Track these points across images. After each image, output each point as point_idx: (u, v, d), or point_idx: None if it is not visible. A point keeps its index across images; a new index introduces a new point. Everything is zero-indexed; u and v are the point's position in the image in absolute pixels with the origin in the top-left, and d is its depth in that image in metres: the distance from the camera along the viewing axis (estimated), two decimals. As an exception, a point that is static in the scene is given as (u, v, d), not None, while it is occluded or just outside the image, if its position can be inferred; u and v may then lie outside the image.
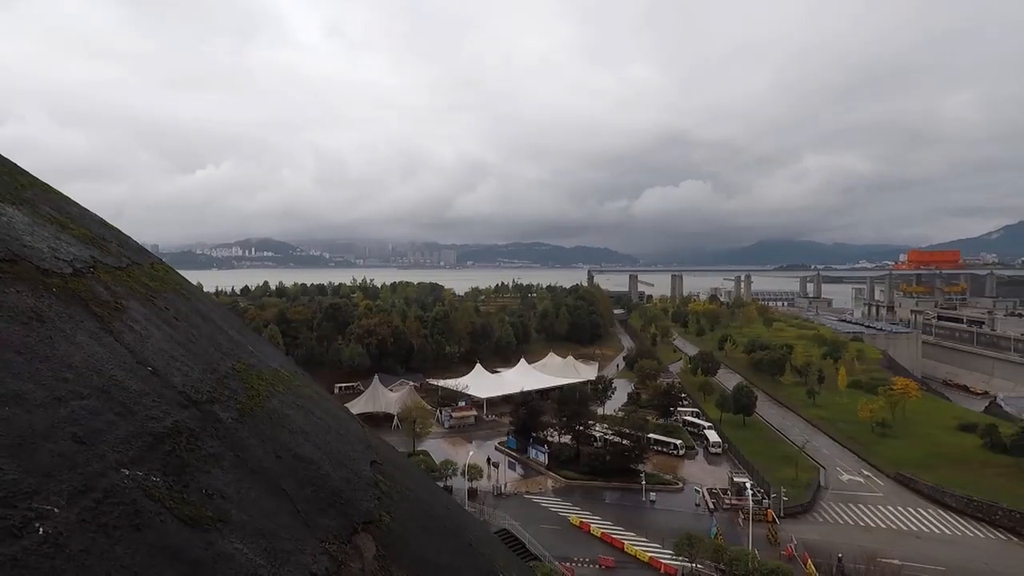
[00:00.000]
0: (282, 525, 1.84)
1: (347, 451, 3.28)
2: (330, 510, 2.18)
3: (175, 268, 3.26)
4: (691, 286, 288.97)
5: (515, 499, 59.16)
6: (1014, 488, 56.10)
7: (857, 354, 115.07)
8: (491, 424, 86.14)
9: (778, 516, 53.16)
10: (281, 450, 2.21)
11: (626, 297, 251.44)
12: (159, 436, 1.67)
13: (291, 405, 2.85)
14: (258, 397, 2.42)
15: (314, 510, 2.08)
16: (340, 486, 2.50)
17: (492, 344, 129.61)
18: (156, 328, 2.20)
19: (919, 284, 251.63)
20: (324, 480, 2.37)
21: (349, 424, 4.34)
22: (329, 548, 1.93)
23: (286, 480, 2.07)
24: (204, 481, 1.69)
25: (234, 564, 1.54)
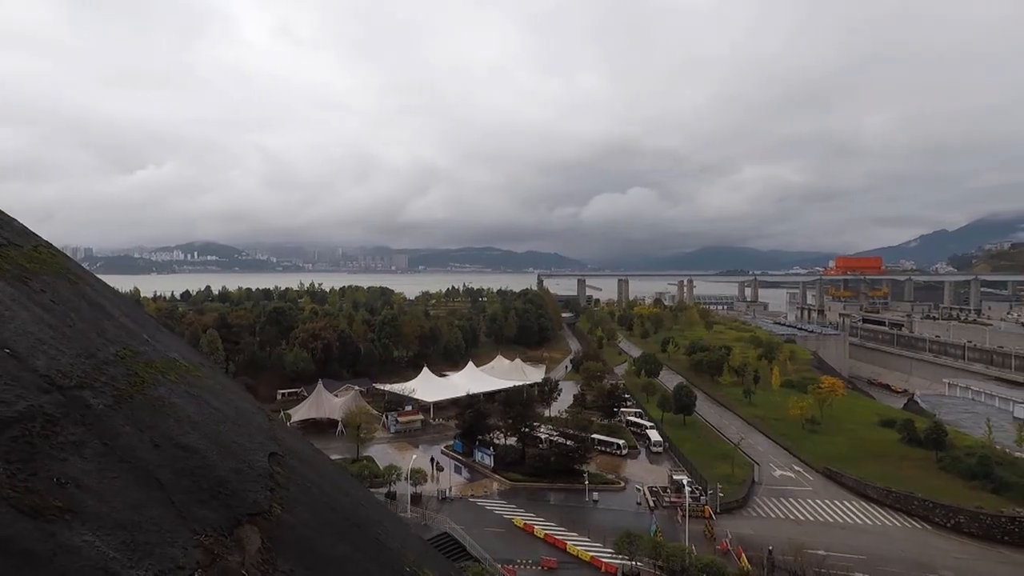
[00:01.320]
0: (149, 517, 1.81)
1: (242, 442, 3.17)
2: (211, 501, 2.14)
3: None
4: (637, 290, 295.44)
5: (460, 503, 59.15)
6: (928, 479, 60.02)
7: (790, 355, 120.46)
8: (438, 428, 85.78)
9: (715, 512, 55.09)
10: (161, 439, 2.19)
11: (575, 301, 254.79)
12: (6, 421, 1.62)
13: (182, 394, 2.81)
14: (141, 384, 2.39)
15: (192, 501, 2.04)
16: (227, 477, 2.43)
17: (441, 348, 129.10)
18: (24, 309, 2.12)
19: (846, 289, 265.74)
20: (208, 470, 2.32)
21: (252, 416, 4.39)
22: (204, 541, 1.89)
23: (162, 470, 2.04)
24: (57, 469, 1.62)
25: (78, 557, 1.45)
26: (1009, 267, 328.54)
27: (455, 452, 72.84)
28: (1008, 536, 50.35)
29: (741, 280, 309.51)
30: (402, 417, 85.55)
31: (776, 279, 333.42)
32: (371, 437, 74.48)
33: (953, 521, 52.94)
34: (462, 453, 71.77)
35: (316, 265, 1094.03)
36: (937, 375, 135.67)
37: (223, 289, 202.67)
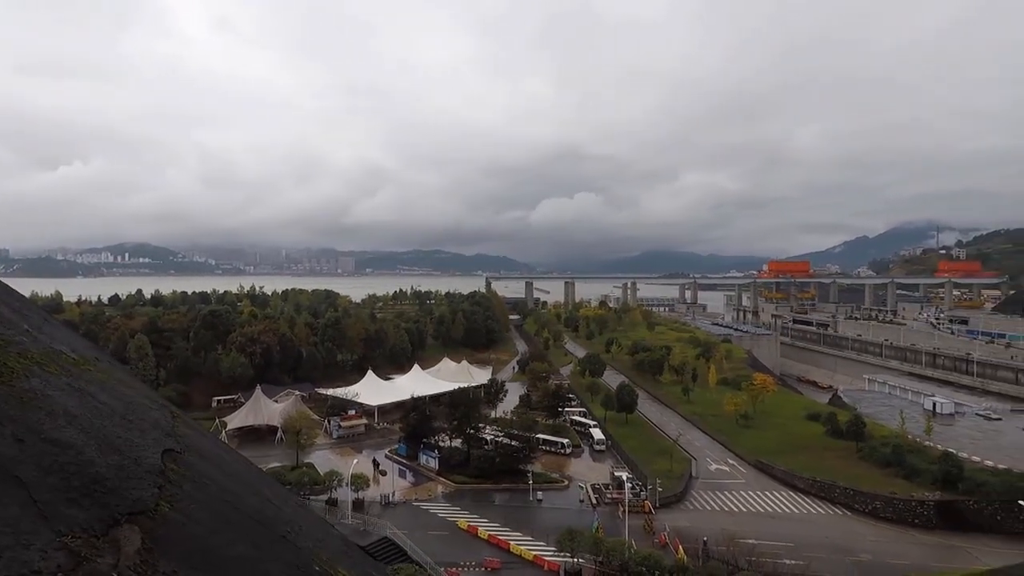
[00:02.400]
0: (2, 517, 1.71)
1: (131, 438, 3.10)
2: (84, 500, 2.03)
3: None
4: (583, 292, 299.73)
5: (404, 507, 58.74)
6: (849, 469, 63.63)
7: (726, 354, 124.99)
8: (382, 432, 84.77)
9: (654, 506, 56.82)
10: (26, 433, 2.09)
11: (522, 303, 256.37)
12: None
13: (62, 387, 2.70)
14: (10, 375, 2.31)
15: (60, 500, 1.93)
16: (105, 474, 2.32)
17: (387, 351, 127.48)
18: None
19: (778, 291, 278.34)
20: (83, 467, 2.21)
21: (148, 412, 4.37)
22: (70, 542, 1.77)
23: (24, 467, 1.93)
24: None
25: None
26: (921, 271, 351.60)
27: (399, 456, 72.20)
28: (918, 519, 54.11)
29: (682, 283, 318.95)
30: (345, 422, 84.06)
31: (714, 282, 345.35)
32: (312, 443, 72.94)
33: (871, 507, 56.45)
34: (407, 456, 71.22)
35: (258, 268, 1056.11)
36: (859, 372, 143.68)
37: (156, 293, 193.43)
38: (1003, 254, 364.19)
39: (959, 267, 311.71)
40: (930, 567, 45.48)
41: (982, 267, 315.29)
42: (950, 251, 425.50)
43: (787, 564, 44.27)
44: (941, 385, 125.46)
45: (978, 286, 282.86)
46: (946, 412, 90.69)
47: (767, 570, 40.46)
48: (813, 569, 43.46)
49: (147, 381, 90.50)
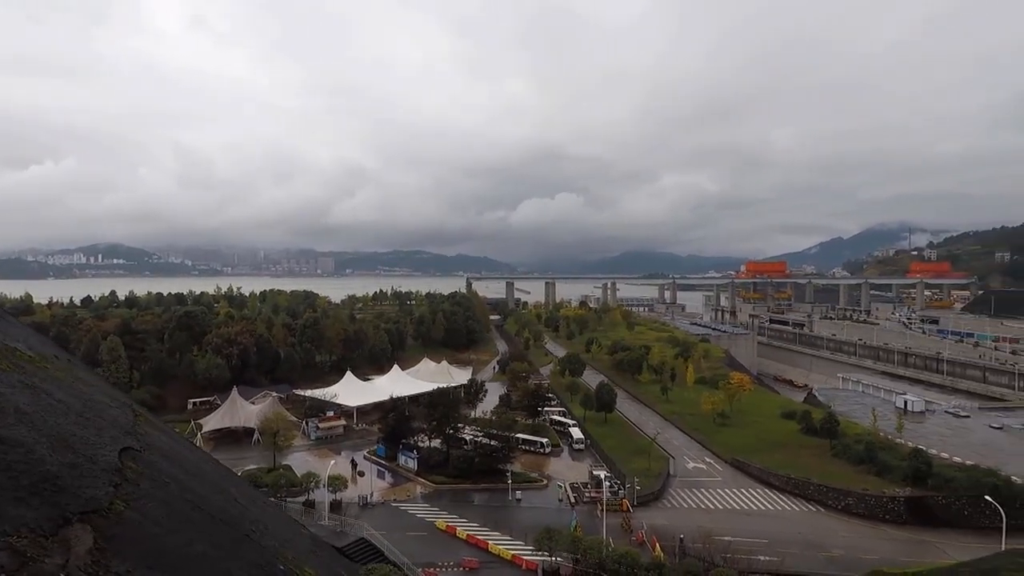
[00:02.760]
0: None
1: (87, 436, 3.13)
2: (32, 499, 2.02)
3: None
4: (564, 293, 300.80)
5: (382, 508, 58.48)
6: (823, 466, 64.79)
7: (704, 354, 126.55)
8: (361, 433, 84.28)
9: (632, 505, 57.26)
10: None
11: (503, 303, 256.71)
12: None
13: (13, 384, 2.74)
14: None
15: (6, 499, 1.93)
16: (57, 472, 2.33)
17: (366, 351, 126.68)
18: None
19: (755, 291, 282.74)
20: (33, 465, 2.22)
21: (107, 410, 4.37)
22: (16, 542, 1.76)
23: None
24: None
25: None
26: (893, 271, 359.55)
27: (378, 457, 71.86)
28: (888, 515, 55.32)
29: (661, 283, 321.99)
30: (323, 423, 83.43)
31: (693, 282, 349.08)
32: (289, 445, 72.26)
33: (843, 503, 57.57)
34: (385, 457, 70.90)
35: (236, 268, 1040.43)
36: (833, 370, 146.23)
37: (130, 294, 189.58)
38: (972, 255, 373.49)
39: (930, 268, 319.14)
40: (899, 561, 46.45)
41: (952, 268, 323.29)
42: (922, 252, 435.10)
43: (761, 560, 45.05)
44: (913, 384, 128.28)
45: (948, 286, 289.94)
46: (917, 410, 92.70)
47: (742, 566, 41.05)
48: (787, 565, 44.25)
49: (120, 383, 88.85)
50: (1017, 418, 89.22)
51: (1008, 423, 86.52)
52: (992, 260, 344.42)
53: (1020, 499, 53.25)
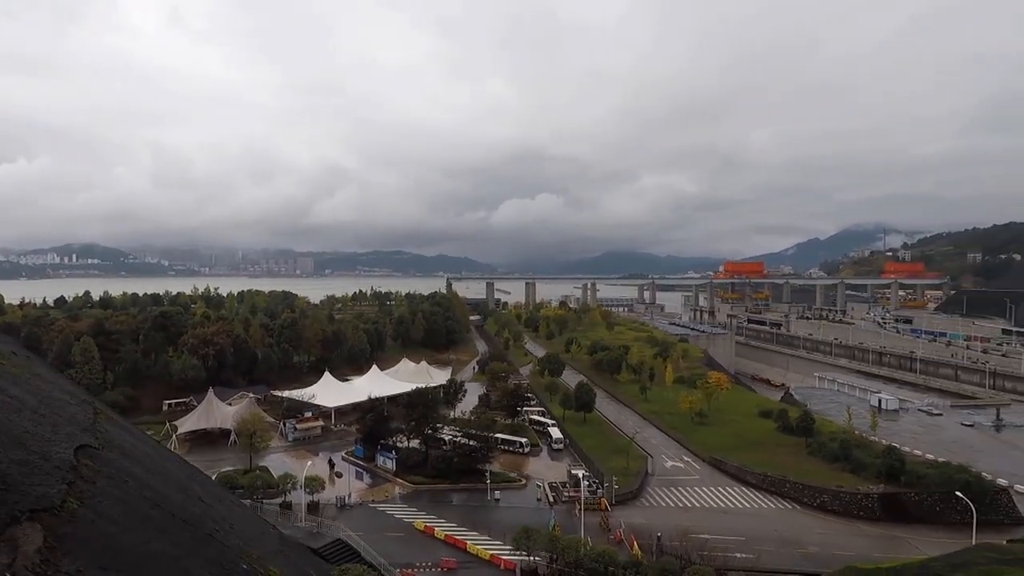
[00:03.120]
0: None
1: (41, 432, 3.09)
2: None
3: None
4: (544, 293, 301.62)
5: (360, 509, 58.03)
6: (799, 463, 65.76)
7: (683, 353, 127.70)
8: (340, 434, 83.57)
9: (610, 504, 57.54)
10: None
11: (483, 304, 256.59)
12: None
13: None
14: None
15: None
16: (7, 470, 2.32)
17: (345, 352, 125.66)
18: None
19: (733, 292, 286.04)
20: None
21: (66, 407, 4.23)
22: None
23: None
24: None
25: None
26: (868, 272, 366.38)
27: (356, 457, 71.28)
28: (863, 511, 56.31)
29: (641, 283, 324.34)
30: (301, 424, 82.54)
31: (672, 282, 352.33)
32: (266, 446, 71.36)
33: (819, 500, 58.46)
34: (363, 458, 70.35)
35: (214, 269, 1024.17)
36: (810, 369, 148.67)
37: (105, 294, 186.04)
38: (944, 256, 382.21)
39: (904, 268, 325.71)
40: (873, 557, 47.25)
41: (925, 268, 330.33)
42: (896, 253, 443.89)
43: (738, 558, 45.54)
44: (887, 382, 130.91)
45: (922, 287, 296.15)
46: (891, 408, 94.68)
47: (718, 564, 41.46)
48: (763, 562, 44.80)
49: (93, 385, 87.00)
50: (988, 416, 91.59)
51: (979, 421, 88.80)
52: (964, 261, 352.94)
53: (990, 495, 54.65)
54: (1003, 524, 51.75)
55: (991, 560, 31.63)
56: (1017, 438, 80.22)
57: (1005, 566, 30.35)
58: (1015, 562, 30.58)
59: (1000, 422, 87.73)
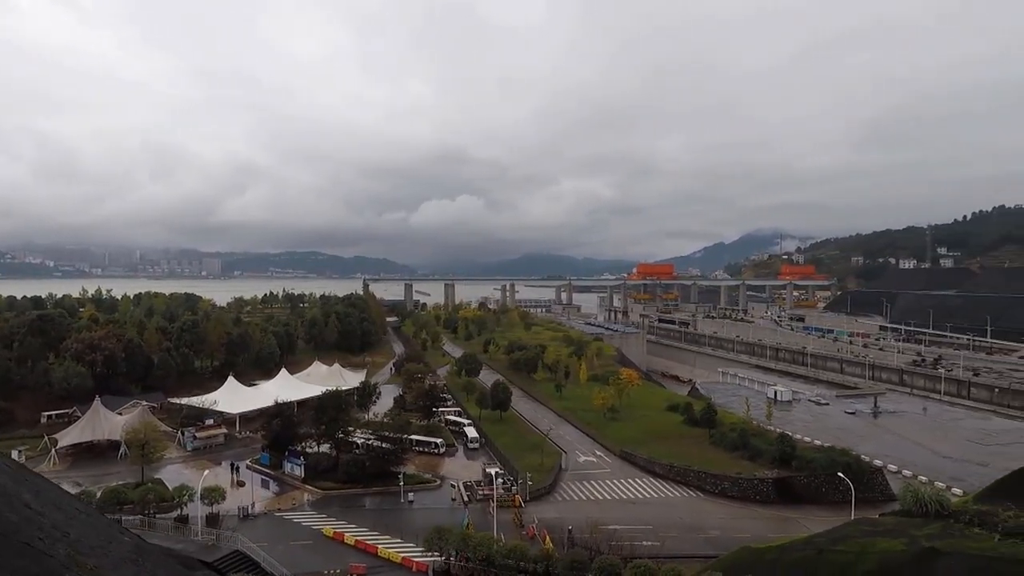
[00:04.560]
0: None
1: None
2: None
3: None
4: (464, 294, 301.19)
5: (265, 518, 55.30)
6: (703, 453, 68.99)
7: (597, 352, 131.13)
8: (245, 441, 79.45)
9: (524, 500, 57.96)
10: None
11: (401, 306, 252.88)
12: None
13: None
14: None
15: None
16: None
17: (252, 356, 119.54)
18: None
19: (645, 292, 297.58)
20: None
21: None
22: None
23: None
24: None
25: None
26: (767, 274, 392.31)
27: (262, 465, 67.93)
28: (759, 495, 59.85)
29: (558, 285, 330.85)
30: (201, 432, 77.71)
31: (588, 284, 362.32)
32: (159, 457, 66.65)
33: (720, 487, 61.56)
34: (270, 466, 67.14)
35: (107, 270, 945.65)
36: (714, 365, 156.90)
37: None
38: (832, 259, 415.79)
39: (797, 271, 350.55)
40: (767, 537, 50.10)
41: (816, 271, 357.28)
42: (791, 257, 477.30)
43: (645, 545, 46.99)
44: (782, 376, 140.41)
45: (813, 287, 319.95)
46: (785, 399, 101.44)
47: (626, 553, 42.59)
48: (667, 548, 46.49)
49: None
50: (867, 404, 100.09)
51: (860, 408, 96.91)
52: (849, 264, 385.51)
53: (867, 475, 59.66)
54: (878, 500, 56.57)
55: (866, 533, 34.26)
56: (891, 423, 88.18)
57: (878, 537, 32.94)
58: (886, 533, 33.25)
59: (877, 409, 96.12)
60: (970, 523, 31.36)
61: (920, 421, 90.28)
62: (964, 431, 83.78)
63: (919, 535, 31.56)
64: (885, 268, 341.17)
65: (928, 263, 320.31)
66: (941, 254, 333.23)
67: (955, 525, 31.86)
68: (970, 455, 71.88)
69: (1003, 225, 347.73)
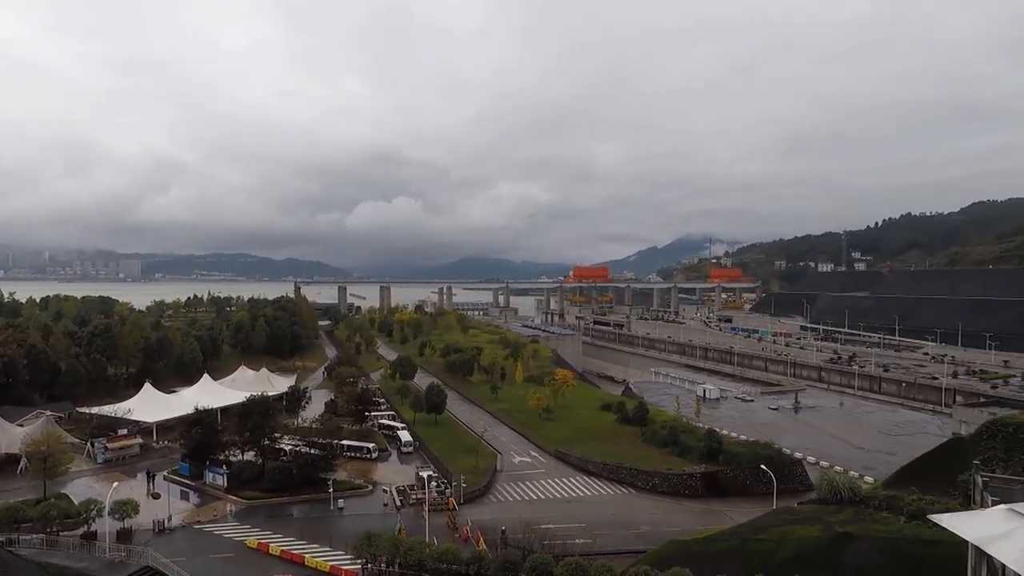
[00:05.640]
0: None
1: None
2: None
3: None
4: (401, 298, 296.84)
5: (183, 532, 52.18)
6: (635, 451, 70.32)
7: (533, 353, 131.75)
8: (162, 451, 75.05)
9: (458, 503, 57.27)
10: None
11: (335, 309, 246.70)
12: None
13: None
14: None
15: None
16: None
17: (173, 361, 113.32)
18: None
19: (581, 295, 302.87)
20: None
21: None
22: None
23: None
24: None
25: None
26: (697, 277, 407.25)
27: (181, 476, 64.20)
28: (688, 490, 61.46)
29: (496, 288, 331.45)
30: (113, 443, 72.71)
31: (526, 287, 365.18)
32: (64, 471, 61.88)
33: (651, 483, 62.84)
34: (190, 476, 63.53)
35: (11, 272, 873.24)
36: (648, 365, 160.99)
37: None
38: (757, 263, 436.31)
39: (726, 274, 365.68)
40: (695, 530, 51.53)
41: (743, 274, 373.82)
42: (720, 260, 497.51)
43: (577, 543, 47.21)
44: (711, 374, 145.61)
45: (740, 290, 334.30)
46: (713, 397, 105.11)
47: (558, 551, 42.62)
48: (599, 545, 46.93)
49: None
50: (789, 400, 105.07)
51: (782, 404, 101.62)
52: (772, 267, 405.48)
53: (788, 467, 62.40)
54: (798, 490, 59.12)
55: (786, 521, 35.71)
56: (810, 418, 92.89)
57: (796, 525, 34.41)
58: (804, 521, 34.77)
59: (798, 405, 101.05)
60: (879, 507, 33.37)
61: (837, 415, 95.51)
62: (875, 423, 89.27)
63: (833, 521, 33.21)
64: (805, 271, 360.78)
65: (844, 266, 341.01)
66: (855, 258, 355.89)
67: (866, 510, 33.80)
68: (880, 445, 76.57)
69: (910, 231, 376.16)
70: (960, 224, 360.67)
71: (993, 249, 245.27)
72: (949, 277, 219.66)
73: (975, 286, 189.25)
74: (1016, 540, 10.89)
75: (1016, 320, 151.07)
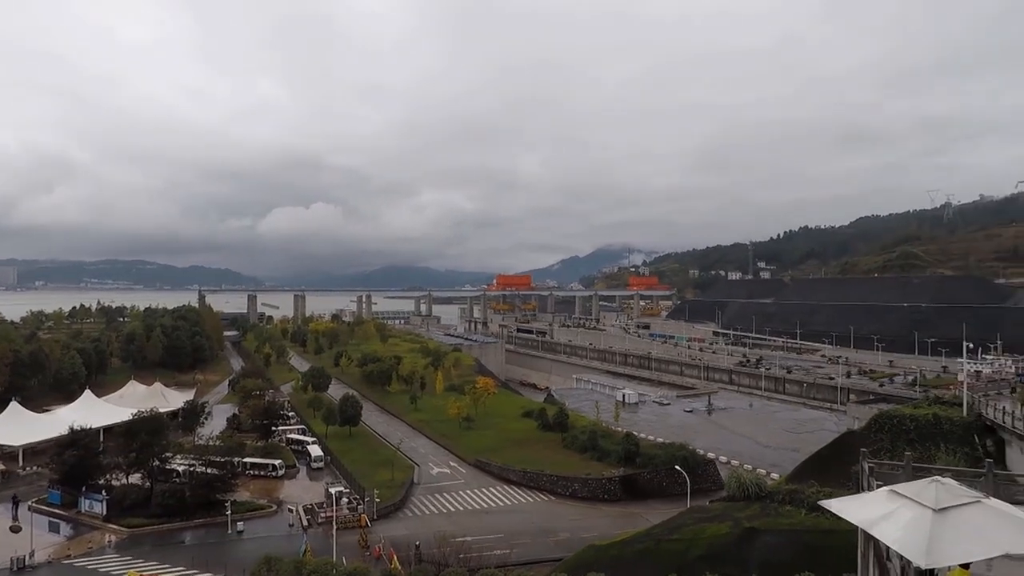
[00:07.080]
0: None
1: None
2: None
3: None
4: (317, 307, 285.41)
5: (48, 569, 46.09)
6: (556, 457, 69.52)
7: (455, 362, 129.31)
8: (29, 478, 66.81)
9: (371, 519, 54.07)
10: None
11: (244, 318, 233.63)
12: None
13: None
14: None
15: None
16: None
17: (49, 377, 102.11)
18: None
19: (505, 303, 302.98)
20: None
21: None
22: None
23: None
24: None
25: None
26: (617, 285, 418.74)
27: (51, 505, 57.06)
28: (607, 494, 61.16)
29: (418, 296, 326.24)
30: (-33, 472, 63.90)
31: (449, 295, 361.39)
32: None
33: (571, 489, 62.10)
34: (61, 505, 56.55)
35: None
36: (570, 372, 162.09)
37: None
38: (673, 271, 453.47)
39: (644, 282, 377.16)
40: (612, 534, 50.98)
41: (660, 282, 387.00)
42: (638, 269, 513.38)
43: (496, 554, 45.47)
44: (631, 380, 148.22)
45: (656, 297, 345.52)
46: (632, 401, 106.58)
47: (473, 564, 40.73)
48: (516, 555, 45.39)
49: None
50: (703, 402, 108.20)
51: (697, 407, 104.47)
52: (687, 276, 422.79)
53: (701, 466, 63.51)
54: (711, 489, 60.20)
55: (698, 520, 35.63)
56: (722, 419, 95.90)
57: (707, 523, 34.36)
58: (714, 519, 34.78)
59: (711, 407, 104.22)
60: (783, 502, 34.21)
61: (746, 415, 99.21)
62: (781, 422, 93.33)
63: (741, 516, 33.56)
64: (716, 279, 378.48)
65: (751, 275, 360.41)
66: (761, 267, 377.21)
67: (771, 505, 34.53)
68: (785, 443, 79.82)
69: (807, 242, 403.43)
70: (849, 236, 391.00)
71: (878, 259, 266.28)
72: (842, 285, 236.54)
73: (863, 292, 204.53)
74: (896, 520, 10.91)
75: (899, 324, 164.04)
